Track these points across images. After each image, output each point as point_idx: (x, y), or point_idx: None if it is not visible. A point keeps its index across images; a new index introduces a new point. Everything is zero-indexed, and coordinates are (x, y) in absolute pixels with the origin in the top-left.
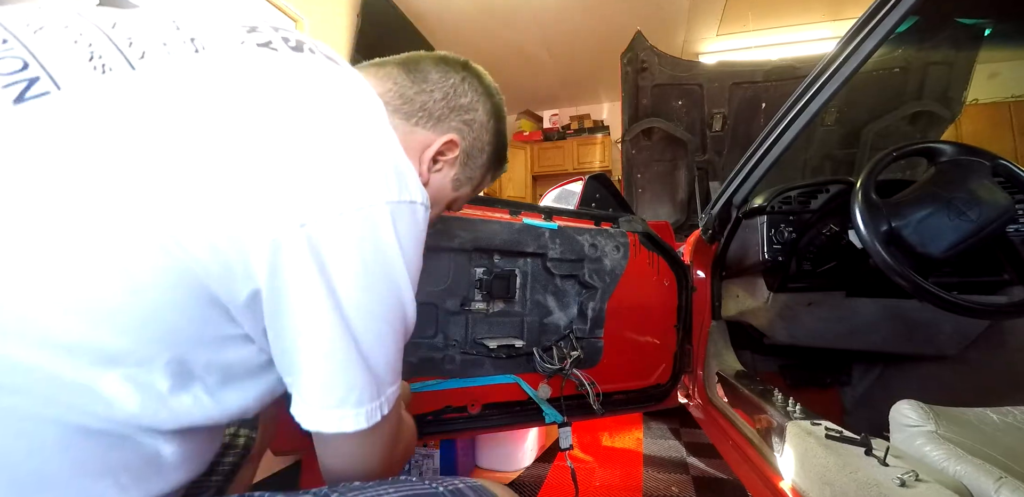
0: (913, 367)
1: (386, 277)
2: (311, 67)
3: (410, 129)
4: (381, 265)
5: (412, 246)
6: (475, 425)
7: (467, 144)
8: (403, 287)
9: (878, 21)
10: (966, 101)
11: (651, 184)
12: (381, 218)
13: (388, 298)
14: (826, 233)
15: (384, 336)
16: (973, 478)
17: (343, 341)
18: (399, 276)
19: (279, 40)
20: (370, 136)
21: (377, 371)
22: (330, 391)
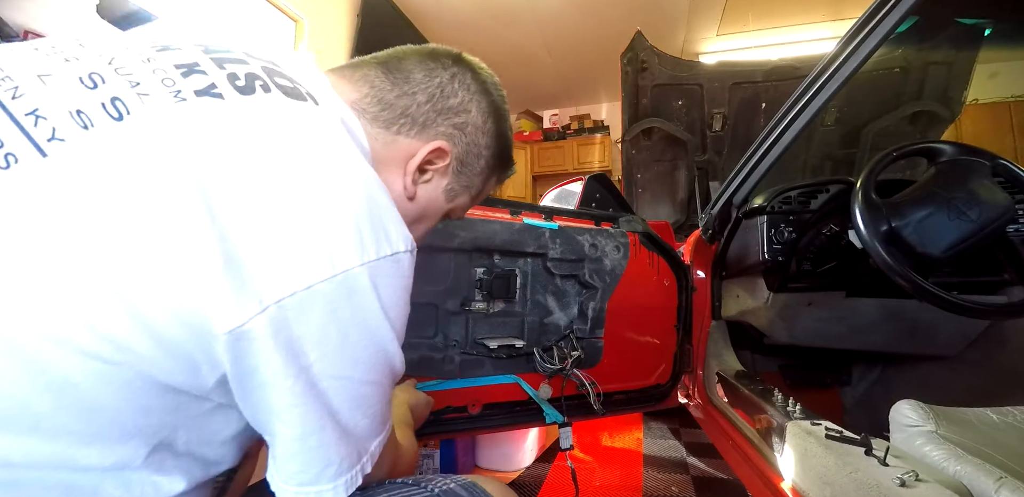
0: (913, 367)
1: (369, 342)
2: (260, 117)
3: (391, 138)
4: (362, 332)
5: (397, 301)
6: (475, 425)
7: (460, 150)
8: (388, 345)
9: (878, 21)
10: (966, 101)
11: (651, 184)
12: (358, 283)
13: (371, 361)
14: (826, 233)
15: (368, 397)
16: (973, 478)
17: (318, 422)
18: (383, 336)
19: (224, 80)
20: (334, 189)
21: (359, 433)
22: (306, 469)
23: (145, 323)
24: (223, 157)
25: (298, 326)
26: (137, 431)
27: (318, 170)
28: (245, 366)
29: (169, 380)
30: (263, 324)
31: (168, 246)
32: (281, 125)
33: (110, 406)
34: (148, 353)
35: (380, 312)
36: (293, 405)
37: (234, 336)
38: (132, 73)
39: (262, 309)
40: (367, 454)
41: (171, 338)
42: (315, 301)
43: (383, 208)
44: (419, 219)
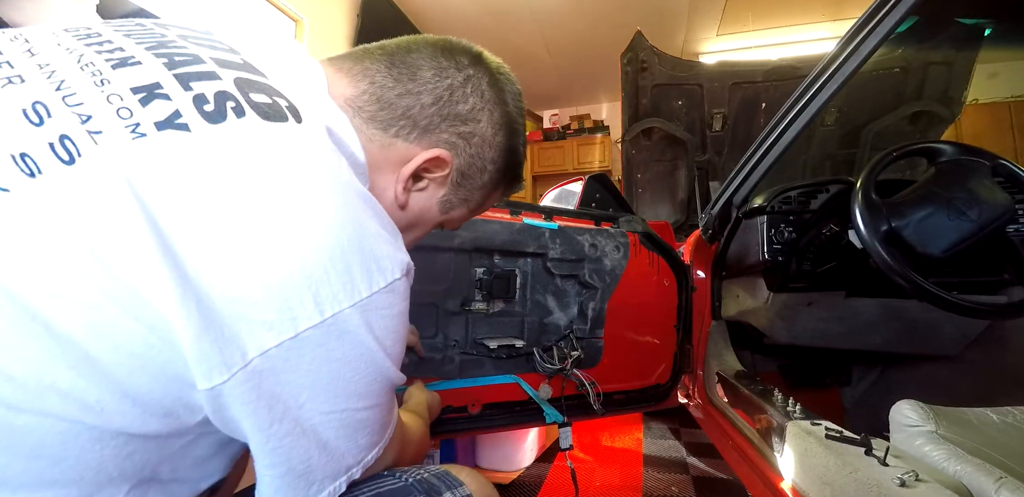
0: (913, 367)
1: (363, 374)
2: (230, 152)
3: (388, 141)
4: (356, 368)
5: (393, 330)
6: (475, 425)
7: (462, 161)
8: (385, 372)
9: (878, 21)
10: (966, 101)
11: (651, 184)
12: (350, 324)
13: (367, 390)
14: (826, 233)
15: (366, 420)
16: (973, 478)
17: (304, 455)
18: (379, 365)
19: (189, 106)
20: (315, 229)
21: (352, 452)
22: (292, 495)
23: (119, 386)
24: (190, 204)
25: (286, 374)
26: (118, 474)
27: (296, 209)
28: (228, 416)
29: (149, 431)
30: (246, 378)
31: (136, 309)
32: (253, 158)
33: (89, 459)
34: (124, 412)
35: (375, 344)
36: (279, 447)
37: (216, 392)
38: (83, 103)
39: (245, 363)
40: (358, 465)
41: (149, 398)
42: (303, 347)
43: (373, 237)
44: (409, 228)
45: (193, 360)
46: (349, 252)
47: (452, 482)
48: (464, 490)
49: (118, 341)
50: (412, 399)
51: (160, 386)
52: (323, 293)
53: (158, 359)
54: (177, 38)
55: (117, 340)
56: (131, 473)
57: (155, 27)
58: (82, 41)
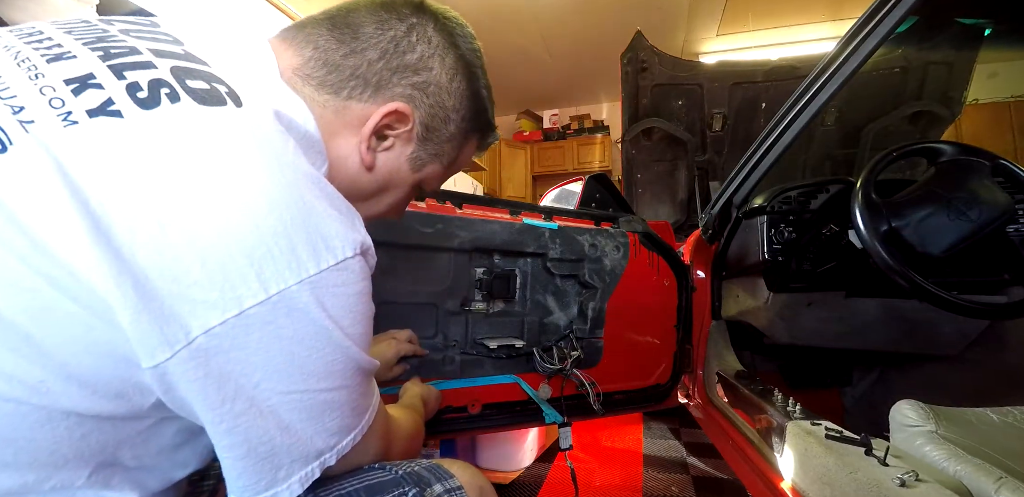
0: (913, 367)
1: (320, 354)
2: (164, 133)
3: (342, 105)
4: (310, 347)
5: (349, 309)
6: (475, 425)
7: (423, 113)
8: (346, 352)
9: (878, 21)
10: (966, 101)
11: (651, 184)
12: (298, 301)
13: (327, 371)
14: (826, 233)
15: (332, 403)
16: (973, 478)
17: (263, 437)
18: (337, 345)
19: (122, 93)
20: (255, 205)
21: (322, 435)
22: (257, 480)
23: (63, 367)
24: (123, 186)
25: (235, 352)
26: (74, 455)
27: (235, 184)
28: (177, 396)
29: (101, 412)
30: (190, 356)
31: (73, 291)
32: (188, 139)
33: (40, 439)
34: (71, 394)
35: (329, 323)
36: (234, 427)
37: (162, 370)
38: (16, 95)
39: (188, 341)
40: (331, 451)
41: (96, 379)
42: (250, 325)
43: (320, 216)
44: (383, 190)
45: (135, 340)
46: (293, 230)
47: (442, 474)
48: (454, 482)
49: (58, 323)
50: (407, 393)
51: (106, 367)
52: (267, 271)
53: (100, 340)
54: (118, 33)
55: (57, 322)
56: (88, 456)
57: (100, 23)
58: (23, 40)
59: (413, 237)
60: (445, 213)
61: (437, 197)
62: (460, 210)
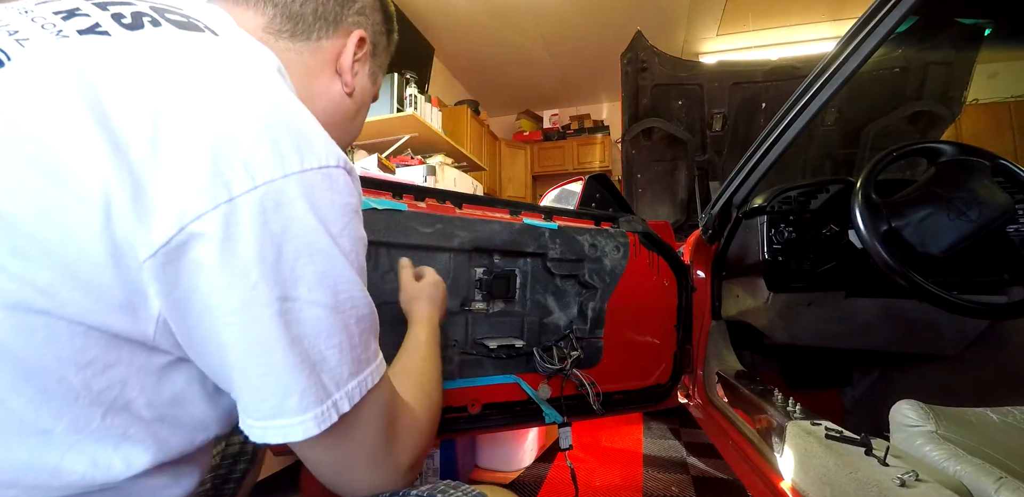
0: (913, 367)
1: (312, 260)
2: (151, 47)
3: (315, 46)
4: (301, 248)
5: (338, 216)
6: (475, 425)
7: (371, 33)
8: (342, 269)
9: (878, 21)
10: (966, 101)
11: (651, 184)
12: (285, 194)
13: (322, 283)
14: (826, 233)
15: (326, 323)
16: (973, 478)
17: (265, 344)
18: (330, 255)
19: (108, 19)
20: (242, 103)
21: (324, 366)
22: (263, 398)
23: (68, 268)
24: (117, 83)
25: (228, 242)
26: (82, 386)
27: (218, 87)
28: (179, 292)
29: (106, 323)
30: (186, 239)
31: (73, 187)
32: (174, 51)
33: (48, 360)
34: (76, 299)
35: (319, 227)
36: (232, 323)
37: (159, 259)
38: (9, 23)
39: (182, 227)
40: (340, 392)
41: (98, 284)
42: (241, 214)
43: (302, 121)
44: (360, 108)
45: (133, 232)
46: (276, 129)
47: None
48: None
49: (62, 223)
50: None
51: (108, 269)
52: (253, 163)
53: (102, 239)
54: None
55: (61, 222)
56: (97, 391)
57: None
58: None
59: (413, 237)
60: (445, 213)
61: (437, 197)
62: (460, 210)
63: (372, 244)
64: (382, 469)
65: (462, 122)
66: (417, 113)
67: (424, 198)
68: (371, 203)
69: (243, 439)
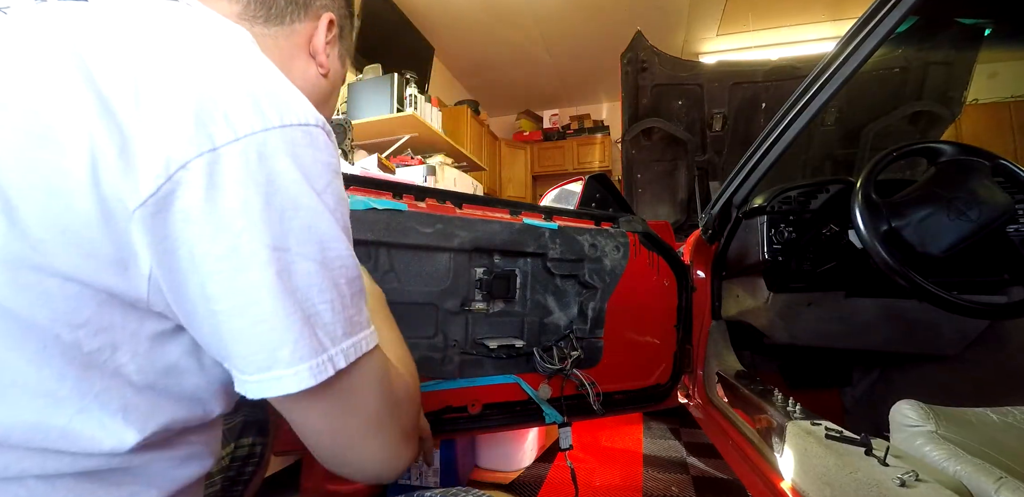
0: (913, 367)
1: (297, 213)
2: (130, 10)
3: (289, 30)
4: (286, 200)
5: (321, 173)
6: (475, 425)
7: (337, 16)
8: (325, 221)
9: (878, 21)
10: (966, 101)
11: (651, 184)
12: (267, 147)
13: (308, 236)
14: (826, 233)
15: (315, 277)
16: (973, 478)
17: (255, 293)
18: (313, 208)
19: None
20: (221, 63)
21: (318, 320)
22: (254, 350)
23: (55, 220)
24: (98, 43)
25: (213, 190)
26: (76, 348)
27: (203, 47)
28: (167, 243)
29: (98, 282)
30: (173, 188)
31: (54, 136)
32: (155, 14)
33: (42, 319)
34: (69, 254)
35: (303, 181)
36: (220, 271)
37: (148, 210)
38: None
39: (169, 176)
40: (335, 348)
41: (88, 239)
42: (225, 163)
43: (281, 84)
44: (333, 89)
45: (120, 183)
46: (256, 87)
47: None
48: None
49: (48, 177)
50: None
51: (97, 224)
52: (233, 116)
53: (89, 194)
54: None
55: (47, 176)
56: (87, 351)
57: None
58: None
59: (413, 237)
60: (445, 213)
61: (437, 197)
62: (460, 210)
63: (372, 244)
64: (385, 436)
65: (462, 122)
66: (417, 113)
67: (424, 198)
68: (371, 203)
69: (252, 442)
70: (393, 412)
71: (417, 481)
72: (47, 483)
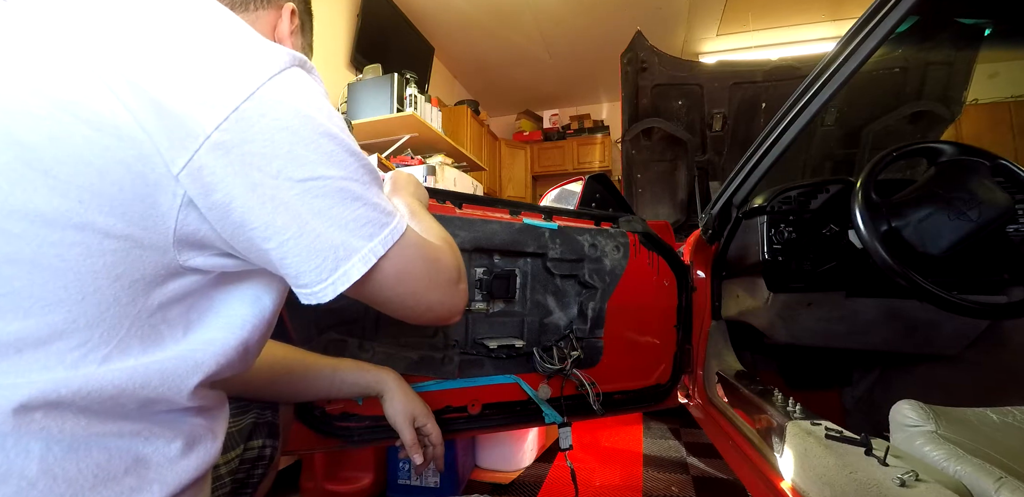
0: (913, 367)
1: (323, 145)
2: None
3: (254, 16)
4: (310, 133)
5: (322, 107)
6: (475, 425)
7: (299, 8)
8: (345, 141)
9: (878, 21)
10: (966, 101)
11: (651, 184)
12: (277, 93)
13: (337, 158)
14: (826, 233)
15: (348, 194)
16: (973, 478)
17: (305, 218)
18: (333, 133)
19: None
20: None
21: (359, 221)
22: (322, 260)
23: (90, 186)
24: (107, 22)
25: (247, 145)
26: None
27: (196, 19)
28: (217, 197)
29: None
30: (212, 147)
31: (83, 114)
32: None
33: (84, 273)
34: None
35: (313, 112)
36: (275, 210)
37: (193, 168)
38: None
39: (207, 136)
40: (379, 236)
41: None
42: (250, 119)
43: (260, 38)
44: None
45: (163, 147)
46: (248, 43)
47: None
48: None
49: (77, 147)
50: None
51: (128, 185)
52: (242, 74)
53: (117, 159)
54: None
55: (76, 146)
56: (124, 301)
57: None
58: None
59: None
60: (445, 213)
61: (437, 197)
62: (460, 210)
63: None
64: (438, 286)
65: (462, 122)
66: (417, 113)
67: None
68: None
69: (262, 444)
70: (436, 268)
71: (417, 481)
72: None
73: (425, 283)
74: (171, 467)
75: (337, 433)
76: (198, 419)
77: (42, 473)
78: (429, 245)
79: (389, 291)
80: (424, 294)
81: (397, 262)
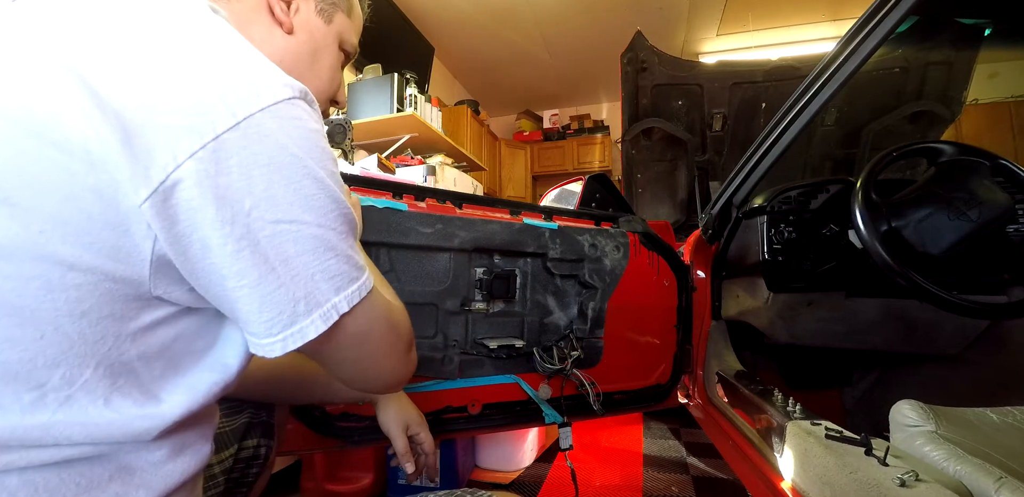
0: (913, 367)
1: (300, 184)
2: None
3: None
4: (288, 174)
5: (314, 145)
6: (475, 425)
7: None
8: (325, 187)
9: (878, 21)
10: (966, 101)
11: (651, 184)
12: (265, 126)
13: (311, 203)
14: (826, 233)
15: (319, 242)
16: (973, 478)
17: (268, 264)
18: (314, 176)
19: None
20: (209, 47)
21: (324, 275)
22: (278, 312)
23: (55, 214)
24: (87, 37)
25: (221, 177)
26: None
27: (186, 32)
28: (178, 228)
29: (100, 267)
30: (182, 177)
31: (50, 136)
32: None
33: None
34: (68, 241)
35: (299, 152)
36: (238, 251)
37: (158, 198)
38: None
39: (178, 165)
40: (340, 295)
41: (87, 227)
42: (229, 150)
43: (259, 60)
44: (315, 51)
45: (127, 175)
46: (247, 67)
47: None
48: None
49: (44, 172)
50: None
51: (96, 213)
52: (231, 100)
53: (86, 185)
54: None
55: (43, 171)
56: (92, 340)
57: None
58: None
59: (413, 237)
60: (445, 213)
61: (437, 197)
62: (460, 210)
63: (372, 244)
64: (396, 353)
65: (462, 122)
66: (417, 113)
67: (424, 198)
68: (371, 203)
69: (256, 443)
70: (396, 333)
71: (417, 481)
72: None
73: (385, 348)
74: (156, 472)
75: (337, 433)
76: (183, 428)
77: (23, 484)
78: (392, 307)
79: (346, 352)
80: (380, 359)
81: (361, 322)
